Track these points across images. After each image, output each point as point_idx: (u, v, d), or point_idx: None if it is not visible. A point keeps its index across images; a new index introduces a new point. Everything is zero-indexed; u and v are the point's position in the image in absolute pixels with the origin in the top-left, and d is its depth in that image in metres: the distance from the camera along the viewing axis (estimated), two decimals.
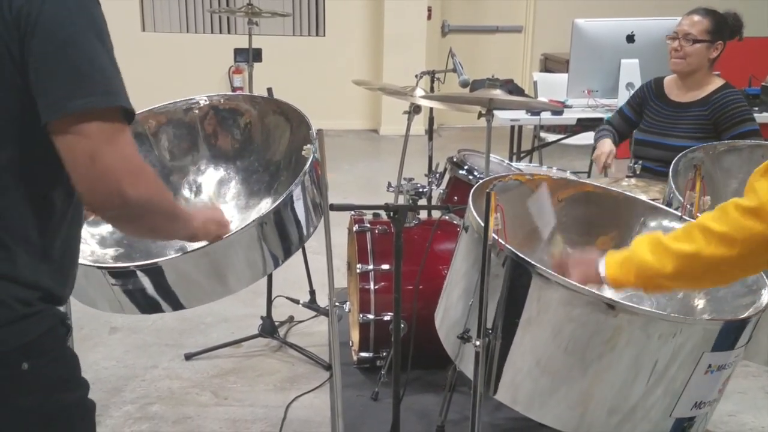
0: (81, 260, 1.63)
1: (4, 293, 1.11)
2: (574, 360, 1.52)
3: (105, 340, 3.26)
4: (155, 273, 1.63)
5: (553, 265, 1.62)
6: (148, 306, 1.69)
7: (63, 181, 1.13)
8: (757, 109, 4.36)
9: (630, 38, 3.99)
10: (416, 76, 3.47)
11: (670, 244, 1.31)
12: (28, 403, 1.15)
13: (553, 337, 1.52)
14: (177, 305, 1.71)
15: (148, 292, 1.65)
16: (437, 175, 3.19)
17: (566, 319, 1.51)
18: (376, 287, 2.84)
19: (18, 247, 1.13)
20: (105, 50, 1.10)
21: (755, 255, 1.22)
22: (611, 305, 1.47)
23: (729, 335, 1.52)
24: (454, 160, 3.12)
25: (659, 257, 1.32)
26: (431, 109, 3.57)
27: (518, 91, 4.81)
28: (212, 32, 7.34)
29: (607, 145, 2.97)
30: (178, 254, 1.66)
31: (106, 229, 1.89)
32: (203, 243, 1.63)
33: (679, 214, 1.90)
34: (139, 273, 1.63)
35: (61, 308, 1.21)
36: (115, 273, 1.66)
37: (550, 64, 7.45)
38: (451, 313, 1.77)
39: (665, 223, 1.93)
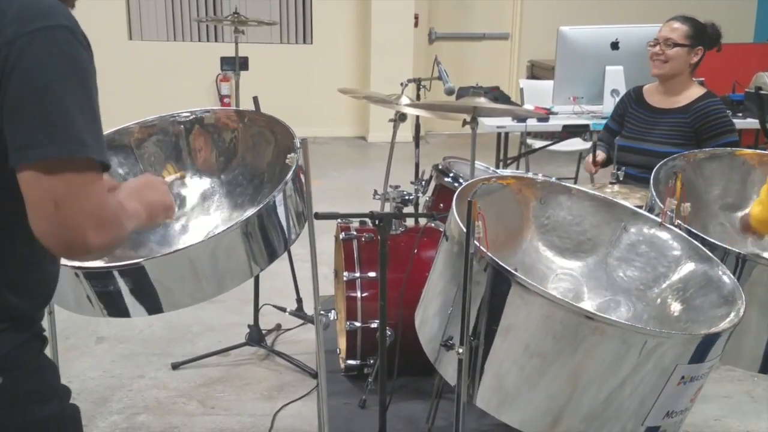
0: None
1: None
2: (554, 359, 1.51)
3: (91, 350, 3.25)
4: (135, 274, 1.61)
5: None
6: (121, 309, 1.67)
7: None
8: (741, 115, 4.40)
9: (614, 45, 4.02)
10: (402, 84, 3.48)
11: None
12: (5, 417, 1.14)
13: (535, 338, 1.52)
14: (155, 308, 1.68)
15: (125, 295, 1.63)
16: (423, 182, 3.20)
17: (546, 325, 1.51)
18: (363, 295, 2.85)
19: None
20: (85, 100, 1.07)
21: None
22: (590, 317, 1.48)
23: (703, 348, 1.53)
24: (440, 167, 3.13)
25: None
26: (417, 116, 3.59)
27: (504, 98, 4.82)
28: (199, 40, 7.34)
29: (600, 155, 3.07)
30: (159, 255, 1.65)
31: None
32: (184, 245, 1.62)
33: (659, 220, 1.92)
34: (116, 274, 1.61)
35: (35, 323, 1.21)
36: (92, 274, 1.65)
37: (537, 70, 7.48)
38: (430, 320, 1.78)
39: (645, 229, 1.95)
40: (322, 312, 1.92)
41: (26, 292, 1.18)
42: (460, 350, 1.57)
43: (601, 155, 3.07)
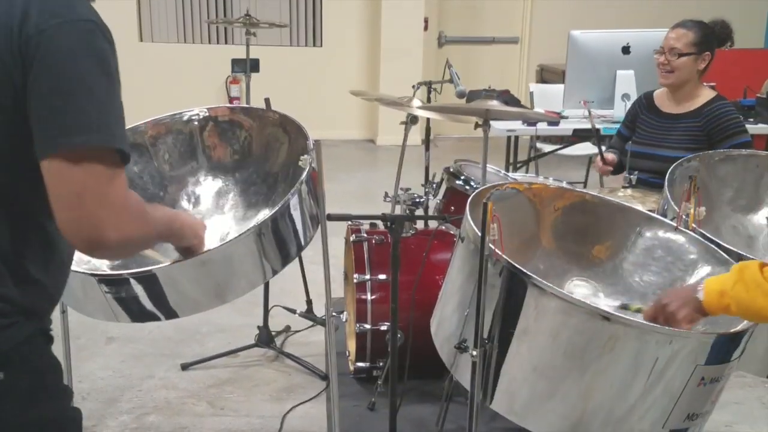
0: (76, 268, 1.62)
1: None
2: (572, 362, 1.51)
3: (101, 350, 3.26)
4: (149, 281, 1.62)
5: (648, 315, 1.59)
6: (140, 314, 1.69)
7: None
8: (752, 120, 4.38)
9: (625, 49, 4.02)
10: (413, 86, 3.48)
11: None
12: (5, 415, 1.12)
13: (551, 341, 1.52)
14: (170, 314, 1.70)
15: (141, 301, 1.64)
16: (434, 185, 3.20)
17: (563, 327, 1.51)
18: (373, 297, 2.84)
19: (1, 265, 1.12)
20: (110, 90, 1.08)
21: None
22: (606, 317, 1.48)
23: (723, 348, 1.53)
24: (451, 170, 3.13)
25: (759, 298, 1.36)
26: (428, 119, 3.59)
27: (514, 102, 4.82)
28: (210, 42, 7.36)
29: (609, 155, 3.09)
30: (173, 262, 1.65)
31: None
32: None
33: (675, 224, 1.91)
34: (132, 281, 1.62)
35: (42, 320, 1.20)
36: (107, 281, 1.66)
37: (546, 75, 7.47)
38: (446, 324, 1.78)
39: (660, 233, 1.94)
40: (334, 314, 1.91)
41: (39, 288, 1.17)
42: (474, 353, 1.57)
43: (610, 155, 3.07)
